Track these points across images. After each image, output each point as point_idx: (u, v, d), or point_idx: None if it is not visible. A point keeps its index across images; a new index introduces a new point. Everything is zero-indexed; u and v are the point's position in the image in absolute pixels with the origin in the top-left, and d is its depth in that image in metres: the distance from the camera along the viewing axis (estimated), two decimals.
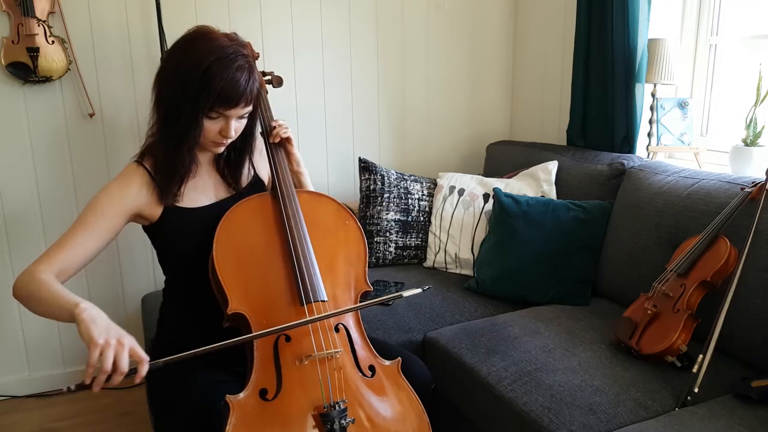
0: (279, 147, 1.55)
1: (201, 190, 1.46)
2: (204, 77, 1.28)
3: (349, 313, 1.41)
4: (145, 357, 1.11)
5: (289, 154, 1.57)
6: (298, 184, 1.62)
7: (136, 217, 1.40)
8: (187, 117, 1.31)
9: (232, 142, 1.42)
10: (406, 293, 1.29)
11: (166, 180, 1.38)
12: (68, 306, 1.15)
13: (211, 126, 1.35)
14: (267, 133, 1.54)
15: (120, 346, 1.09)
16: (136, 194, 1.37)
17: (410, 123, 2.91)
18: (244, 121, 1.40)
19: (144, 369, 1.11)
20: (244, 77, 1.31)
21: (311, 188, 1.63)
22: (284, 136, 1.53)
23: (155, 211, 1.40)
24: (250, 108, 1.37)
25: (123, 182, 1.37)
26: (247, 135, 1.47)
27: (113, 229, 1.35)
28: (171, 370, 1.38)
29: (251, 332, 1.28)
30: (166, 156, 1.37)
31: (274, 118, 1.56)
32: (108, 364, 1.07)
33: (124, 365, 1.09)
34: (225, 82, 1.28)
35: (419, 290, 1.31)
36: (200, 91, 1.28)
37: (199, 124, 1.33)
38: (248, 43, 1.41)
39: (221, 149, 1.42)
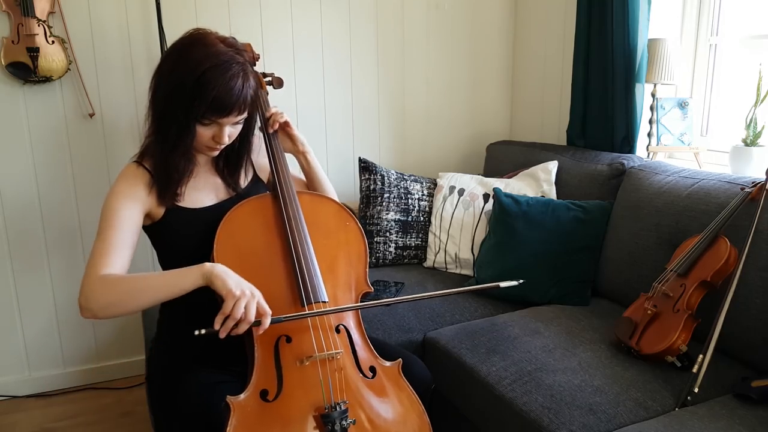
0: (276, 135, 1.54)
1: (202, 191, 1.46)
2: (197, 84, 1.27)
3: (350, 314, 1.41)
4: (269, 311, 1.23)
5: (291, 137, 1.58)
6: (306, 166, 1.62)
7: (144, 216, 1.41)
8: (180, 123, 1.31)
9: (230, 144, 1.42)
10: (503, 284, 1.39)
11: (164, 182, 1.38)
12: (191, 272, 1.23)
13: (204, 132, 1.34)
14: (265, 126, 1.53)
15: (252, 298, 1.20)
16: (145, 193, 1.37)
17: (410, 123, 2.91)
18: (239, 127, 1.40)
19: (267, 321, 1.22)
20: (238, 86, 1.30)
21: (320, 168, 1.63)
22: (281, 121, 1.53)
23: (158, 211, 1.40)
24: (244, 115, 1.37)
25: (129, 182, 1.37)
26: (244, 138, 1.47)
27: (137, 226, 1.37)
28: (171, 371, 1.38)
29: (252, 334, 1.28)
30: (162, 158, 1.37)
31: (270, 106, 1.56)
32: (239, 313, 1.17)
33: (252, 315, 1.19)
34: (218, 91, 1.28)
35: (515, 282, 1.40)
36: (193, 98, 1.28)
37: (192, 131, 1.33)
38: (248, 44, 1.40)
39: (215, 153, 1.42)
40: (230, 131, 1.37)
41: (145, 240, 1.49)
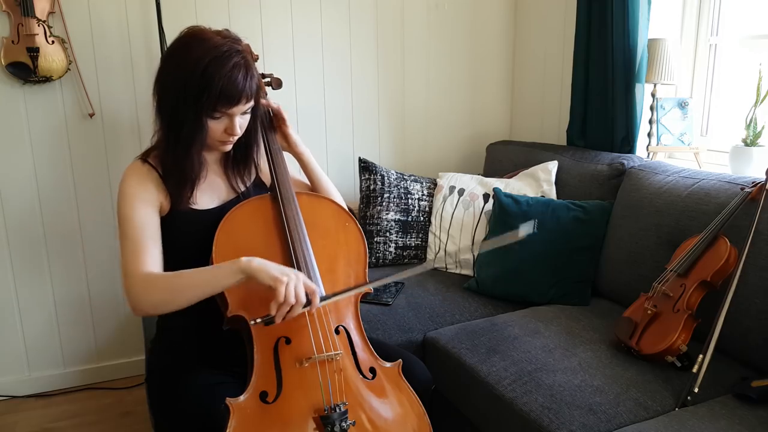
0: (274, 134, 1.55)
1: (205, 191, 1.46)
2: (202, 79, 1.28)
3: (350, 315, 1.41)
4: (316, 288, 1.24)
5: (285, 136, 1.58)
6: (303, 167, 1.62)
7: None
8: (192, 121, 1.32)
9: (237, 140, 1.42)
10: (522, 232, 1.37)
11: (179, 185, 1.38)
12: (230, 268, 1.23)
13: (216, 126, 1.35)
14: (265, 125, 1.53)
15: (298, 280, 1.21)
16: (155, 191, 1.38)
17: (410, 123, 2.91)
18: (248, 117, 1.41)
19: (317, 300, 1.24)
20: (242, 74, 1.31)
21: (319, 170, 1.63)
22: (274, 106, 1.55)
23: (165, 205, 1.40)
24: (252, 103, 1.37)
25: (138, 182, 1.38)
26: (250, 131, 1.47)
27: (157, 223, 1.37)
28: (171, 371, 1.38)
29: (251, 335, 1.28)
30: (176, 162, 1.37)
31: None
32: (292, 297, 1.19)
33: (303, 297, 1.21)
34: (224, 81, 1.28)
35: (531, 224, 1.39)
36: (201, 93, 1.29)
37: (204, 127, 1.33)
38: (247, 44, 1.41)
39: (229, 147, 1.43)
40: (240, 121, 1.38)
41: None
